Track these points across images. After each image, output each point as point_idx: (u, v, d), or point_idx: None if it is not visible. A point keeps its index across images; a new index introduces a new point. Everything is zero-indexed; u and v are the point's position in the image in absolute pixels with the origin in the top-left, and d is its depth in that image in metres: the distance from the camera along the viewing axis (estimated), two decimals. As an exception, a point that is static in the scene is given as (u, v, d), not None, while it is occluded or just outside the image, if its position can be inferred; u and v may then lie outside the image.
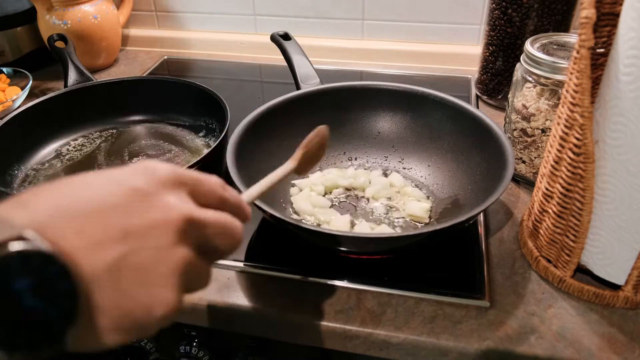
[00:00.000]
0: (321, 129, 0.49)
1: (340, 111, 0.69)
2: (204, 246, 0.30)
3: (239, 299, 0.50)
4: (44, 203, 0.25)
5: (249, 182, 0.53)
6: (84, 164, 0.73)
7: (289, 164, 0.46)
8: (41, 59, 1.00)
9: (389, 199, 0.62)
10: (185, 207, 0.29)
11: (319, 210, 0.60)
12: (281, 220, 0.48)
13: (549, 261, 0.51)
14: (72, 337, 0.24)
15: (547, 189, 0.49)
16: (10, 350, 0.22)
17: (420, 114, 0.67)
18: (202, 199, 0.31)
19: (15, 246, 0.22)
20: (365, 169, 0.68)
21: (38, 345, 0.22)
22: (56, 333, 0.23)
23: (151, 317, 0.26)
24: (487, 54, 0.79)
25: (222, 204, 0.33)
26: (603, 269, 0.47)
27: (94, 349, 0.25)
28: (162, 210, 0.28)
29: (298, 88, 0.70)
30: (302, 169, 0.48)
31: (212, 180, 0.33)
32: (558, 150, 0.46)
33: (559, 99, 0.58)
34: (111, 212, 0.26)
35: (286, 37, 0.80)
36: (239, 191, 0.48)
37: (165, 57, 1.05)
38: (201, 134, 0.77)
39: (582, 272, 0.49)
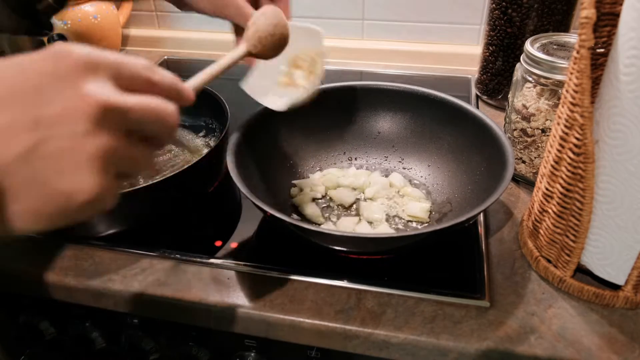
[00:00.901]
0: (268, 8, 0.45)
1: (340, 111, 0.69)
2: (137, 132, 0.30)
3: (239, 299, 0.50)
4: None
5: (250, 182, 0.53)
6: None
7: (241, 47, 0.42)
8: (41, 59, 1.00)
9: (389, 199, 0.62)
10: (100, 92, 0.27)
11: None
12: (281, 220, 0.48)
13: (549, 261, 0.51)
14: None
15: (547, 189, 0.49)
16: None
17: (420, 114, 0.67)
18: (126, 83, 0.29)
19: None
20: (365, 169, 0.68)
21: None
22: None
23: (72, 203, 0.27)
24: (487, 54, 0.79)
25: (151, 88, 0.31)
26: (603, 269, 0.47)
27: (12, 234, 0.26)
28: (75, 96, 0.26)
29: (298, 88, 0.70)
30: (260, 51, 0.43)
31: (136, 63, 0.30)
32: (558, 150, 0.46)
33: (559, 99, 0.58)
34: (19, 100, 0.25)
35: (286, 37, 0.79)
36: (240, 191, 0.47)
37: (165, 57, 1.05)
38: (201, 134, 0.77)
39: (582, 272, 0.49)
